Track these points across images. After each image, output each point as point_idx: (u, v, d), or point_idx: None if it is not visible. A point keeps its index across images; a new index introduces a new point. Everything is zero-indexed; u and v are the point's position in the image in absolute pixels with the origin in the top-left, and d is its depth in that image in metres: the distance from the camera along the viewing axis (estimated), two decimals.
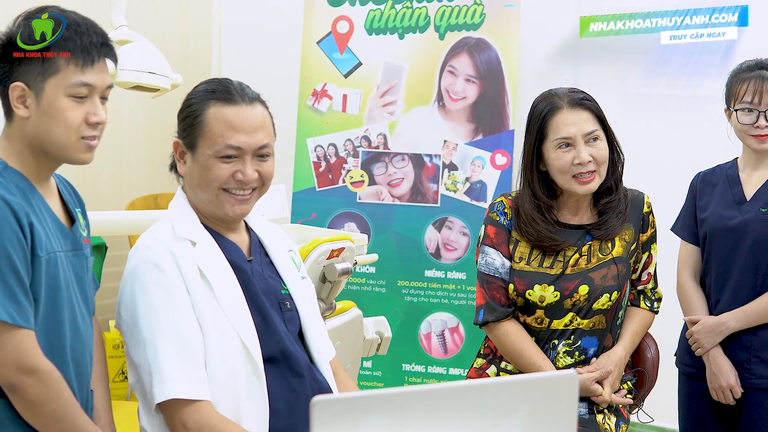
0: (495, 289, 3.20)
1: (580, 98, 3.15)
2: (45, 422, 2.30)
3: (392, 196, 4.97)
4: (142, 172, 5.30)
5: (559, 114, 3.11)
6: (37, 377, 2.25)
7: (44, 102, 2.31)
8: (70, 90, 2.31)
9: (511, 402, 1.90)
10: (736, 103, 3.37)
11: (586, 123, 3.11)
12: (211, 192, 2.56)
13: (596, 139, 3.12)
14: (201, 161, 2.55)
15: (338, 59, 5.07)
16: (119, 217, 4.08)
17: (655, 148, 5.00)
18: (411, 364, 4.98)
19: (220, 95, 2.56)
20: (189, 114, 2.57)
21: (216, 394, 2.46)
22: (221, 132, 2.53)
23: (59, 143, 2.33)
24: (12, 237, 2.22)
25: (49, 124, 2.31)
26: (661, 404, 3.62)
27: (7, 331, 2.22)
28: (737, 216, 3.41)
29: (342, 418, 1.78)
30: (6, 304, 2.21)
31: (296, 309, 2.69)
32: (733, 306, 3.41)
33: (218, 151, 2.53)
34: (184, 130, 2.57)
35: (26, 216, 2.26)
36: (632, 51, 5.07)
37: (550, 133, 3.11)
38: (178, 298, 2.47)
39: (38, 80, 2.30)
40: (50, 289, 2.32)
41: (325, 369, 2.70)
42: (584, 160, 3.08)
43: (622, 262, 3.16)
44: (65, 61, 2.30)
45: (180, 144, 2.59)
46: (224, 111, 2.54)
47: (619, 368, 3.16)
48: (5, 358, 2.22)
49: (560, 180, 3.13)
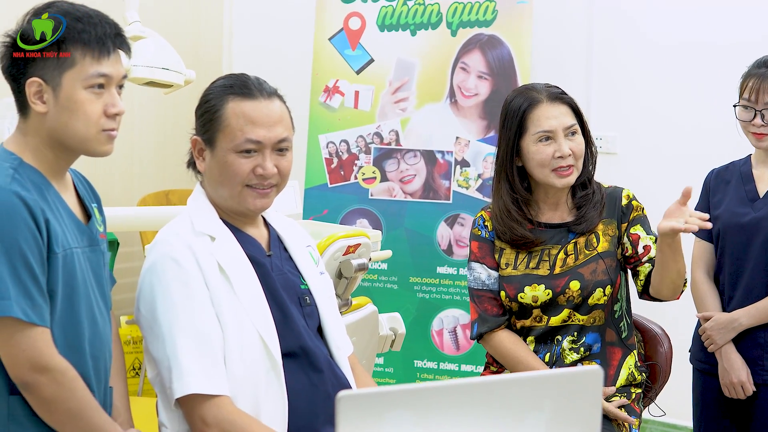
0: (486, 302, 3.23)
1: (559, 92, 3.19)
2: (60, 420, 2.30)
3: (404, 192, 4.97)
4: (154, 168, 5.30)
5: (539, 108, 3.14)
6: (51, 376, 2.24)
7: (62, 96, 2.30)
8: (87, 82, 2.31)
9: (535, 397, 1.90)
10: (739, 99, 3.39)
11: (565, 117, 3.15)
12: (234, 188, 2.56)
13: (575, 133, 3.15)
14: (220, 157, 2.55)
15: (350, 56, 5.07)
16: (131, 213, 4.08)
17: (669, 145, 5.00)
18: (423, 361, 4.98)
19: (238, 90, 2.56)
20: (207, 110, 2.57)
21: (235, 389, 2.46)
22: (240, 126, 2.53)
23: (80, 136, 2.33)
24: (27, 234, 2.22)
25: (69, 118, 2.31)
26: (674, 400, 3.62)
27: (22, 329, 2.21)
28: (750, 213, 3.41)
29: (367, 413, 1.79)
30: (21, 301, 2.20)
31: (315, 304, 2.70)
32: (746, 303, 3.42)
33: (238, 146, 2.53)
34: (203, 126, 2.57)
35: (42, 213, 2.25)
36: (648, 50, 5.07)
37: (530, 127, 3.14)
38: (197, 293, 2.47)
39: (55, 74, 2.29)
40: (67, 286, 2.32)
41: (344, 364, 2.70)
42: (565, 153, 3.11)
43: (610, 256, 3.17)
44: (81, 53, 2.30)
45: (198, 141, 2.59)
46: (243, 105, 2.54)
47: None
48: (19, 356, 2.22)
49: (539, 174, 3.15)
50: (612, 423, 3.12)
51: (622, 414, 3.11)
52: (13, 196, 2.22)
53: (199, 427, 2.45)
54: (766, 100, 3.32)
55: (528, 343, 3.20)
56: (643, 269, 3.15)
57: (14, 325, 2.21)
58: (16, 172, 2.28)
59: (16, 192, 2.23)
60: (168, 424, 2.54)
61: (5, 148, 2.35)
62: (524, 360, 3.14)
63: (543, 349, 3.18)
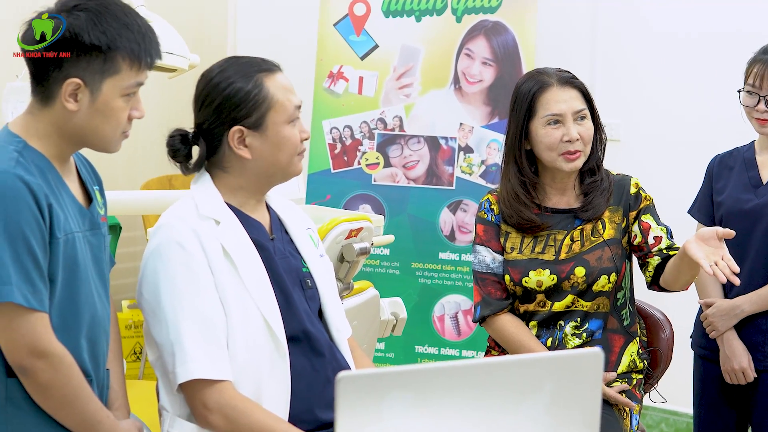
0: (489, 285, 3.23)
1: (569, 77, 3.18)
2: (55, 406, 2.30)
3: (407, 178, 4.97)
4: (157, 153, 5.26)
5: (548, 91, 3.14)
6: (48, 361, 2.24)
7: (100, 101, 2.30)
8: (126, 90, 2.32)
9: (535, 379, 1.90)
10: (744, 84, 3.39)
11: (575, 101, 3.15)
12: (290, 158, 2.61)
13: (584, 118, 3.15)
14: (275, 133, 2.57)
15: (355, 41, 5.06)
16: (134, 196, 4.09)
17: (672, 133, 4.99)
18: (424, 346, 4.99)
19: (260, 67, 2.60)
20: (247, 94, 2.55)
21: (237, 374, 2.47)
22: (287, 97, 2.58)
23: (105, 139, 2.35)
24: (30, 219, 2.21)
25: (101, 122, 2.32)
26: (675, 387, 3.63)
27: (21, 313, 2.21)
28: (753, 199, 3.41)
29: (366, 394, 1.79)
30: (22, 286, 2.20)
31: (316, 287, 2.70)
32: (748, 289, 3.43)
33: (290, 116, 2.59)
34: (247, 111, 2.55)
35: (45, 197, 2.25)
36: (652, 38, 5.06)
37: (539, 110, 3.14)
38: (201, 278, 2.47)
39: (96, 78, 2.29)
40: (68, 270, 2.31)
41: (344, 347, 2.71)
42: (573, 137, 3.11)
43: (615, 243, 3.16)
44: (129, 64, 2.30)
45: (240, 130, 2.56)
46: (276, 79, 2.59)
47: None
48: (18, 340, 2.22)
49: (547, 157, 3.15)
50: (613, 408, 3.12)
51: (622, 399, 3.11)
52: (17, 180, 2.21)
53: (201, 412, 2.45)
54: None
55: (530, 327, 3.20)
56: (653, 261, 3.15)
57: (14, 310, 2.21)
58: (20, 155, 2.27)
59: (20, 176, 2.22)
60: (169, 408, 2.55)
61: (10, 130, 2.34)
62: (526, 344, 3.14)
63: (545, 334, 3.18)
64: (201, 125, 2.60)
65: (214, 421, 2.44)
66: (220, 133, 2.57)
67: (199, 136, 2.61)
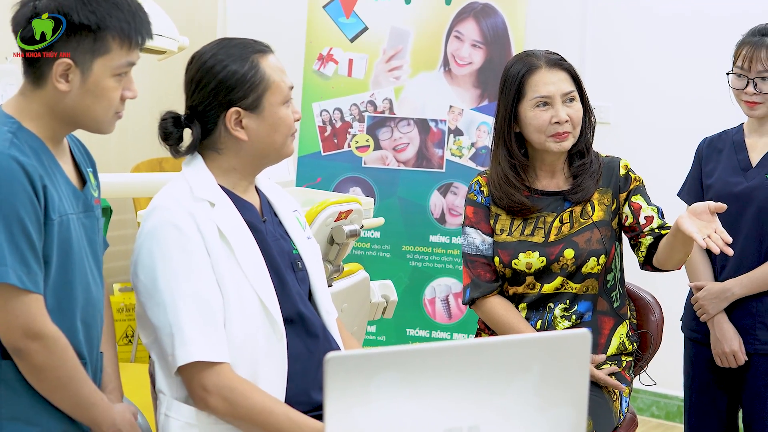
0: (479, 267, 3.24)
1: (558, 59, 3.19)
2: (49, 388, 2.30)
3: (397, 161, 4.97)
4: (148, 135, 5.25)
5: (537, 73, 3.14)
6: (43, 343, 2.24)
7: (91, 81, 2.29)
8: (116, 70, 2.30)
9: (523, 360, 1.91)
10: (733, 67, 3.39)
11: (563, 83, 3.15)
12: (285, 139, 2.62)
13: (572, 100, 3.16)
14: (270, 114, 2.57)
15: (344, 23, 5.05)
16: (125, 179, 4.08)
17: (663, 115, 4.99)
18: (415, 329, 4.99)
19: (254, 48, 2.59)
20: (243, 75, 2.54)
21: (234, 355, 2.47)
22: (281, 78, 2.59)
23: (97, 119, 2.34)
24: (25, 200, 2.20)
25: (93, 102, 2.30)
26: (664, 370, 3.64)
27: (16, 295, 2.21)
28: (742, 182, 3.41)
29: (355, 375, 1.79)
30: (17, 267, 2.19)
31: (306, 269, 2.70)
32: (738, 272, 3.43)
33: (285, 97, 2.60)
34: (244, 93, 2.55)
35: (40, 178, 2.24)
36: (643, 20, 5.06)
37: (528, 92, 3.14)
38: (197, 259, 2.47)
39: (86, 58, 2.28)
40: (62, 252, 2.31)
41: (333, 329, 2.72)
42: (562, 119, 3.11)
43: (604, 225, 3.17)
44: (119, 43, 2.29)
45: (237, 111, 2.55)
46: (269, 60, 2.59)
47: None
48: (12, 322, 2.21)
49: (536, 139, 3.16)
50: (602, 390, 3.13)
51: (612, 381, 3.12)
52: (11, 161, 2.20)
53: (199, 394, 2.45)
54: (759, 68, 3.32)
55: (520, 310, 3.20)
56: (645, 241, 3.15)
57: (9, 291, 2.20)
58: (14, 136, 2.26)
59: (14, 157, 2.21)
60: (167, 391, 2.54)
61: (4, 111, 2.33)
62: (515, 326, 3.14)
63: (534, 317, 3.19)
64: (195, 108, 2.59)
65: (213, 404, 2.44)
66: (215, 115, 2.56)
67: (193, 118, 2.60)
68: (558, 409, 1.94)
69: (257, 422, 2.44)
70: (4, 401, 2.27)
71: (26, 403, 2.29)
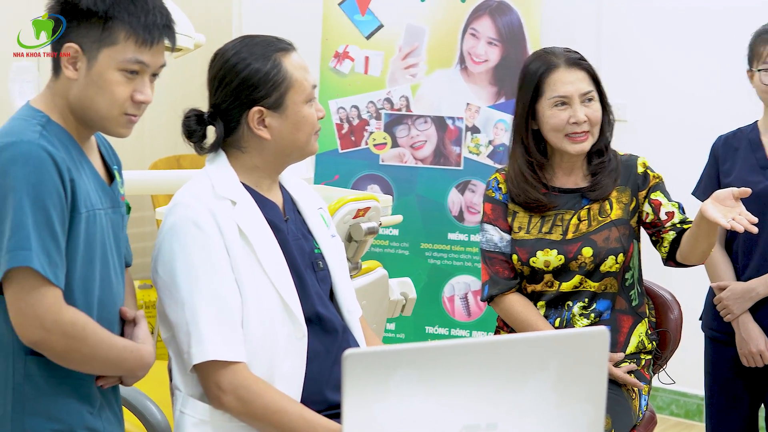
0: (497, 264, 3.23)
1: (577, 58, 3.17)
2: (78, 366, 2.30)
3: (415, 158, 4.97)
4: (165, 133, 5.29)
5: (556, 72, 3.13)
6: (60, 331, 2.22)
7: (95, 70, 2.28)
8: (122, 65, 2.28)
9: (541, 357, 1.91)
10: (759, 63, 3.37)
11: (582, 83, 3.14)
12: (308, 137, 2.63)
13: (591, 100, 3.15)
14: (294, 113, 2.58)
15: (360, 21, 5.05)
16: (144, 176, 4.09)
17: (679, 112, 4.98)
18: (434, 327, 5.00)
19: (277, 46, 2.59)
20: (266, 74, 2.55)
21: (251, 354, 2.47)
22: (304, 77, 2.59)
23: (100, 114, 2.31)
24: (53, 191, 2.20)
25: (95, 93, 2.29)
26: (684, 368, 3.63)
27: (36, 285, 2.19)
28: (763, 181, 3.40)
29: (373, 372, 1.80)
30: (40, 255, 2.18)
31: (328, 268, 2.71)
32: (761, 271, 3.41)
33: (308, 96, 2.60)
34: (267, 92, 2.55)
35: (68, 171, 2.24)
36: (658, 17, 5.05)
37: (546, 91, 3.13)
38: (217, 258, 2.47)
39: (93, 47, 2.27)
40: (88, 247, 2.30)
41: (356, 327, 2.72)
42: (580, 119, 3.10)
43: (623, 224, 3.16)
44: (125, 35, 2.27)
45: (260, 111, 2.55)
46: (292, 59, 2.59)
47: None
48: (28, 313, 2.20)
49: (553, 139, 3.15)
50: (621, 388, 3.12)
51: (631, 379, 3.12)
52: (41, 150, 2.20)
53: (215, 393, 2.46)
54: None
55: (538, 307, 3.20)
56: (668, 236, 3.14)
57: (30, 278, 2.18)
58: (43, 129, 2.26)
59: (44, 147, 2.20)
60: (182, 388, 2.55)
61: (32, 106, 2.33)
62: (534, 324, 3.14)
63: (553, 314, 3.19)
64: (218, 106, 2.60)
65: (227, 402, 2.45)
66: (238, 113, 2.57)
67: (216, 116, 2.61)
68: (576, 406, 1.94)
69: (271, 422, 2.44)
70: (28, 397, 2.27)
71: (50, 399, 2.29)
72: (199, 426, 2.52)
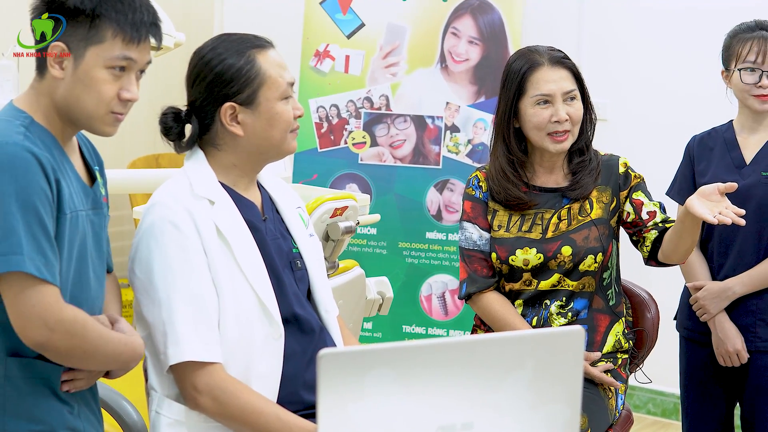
0: (476, 262, 3.23)
1: (561, 57, 3.18)
2: (79, 364, 2.30)
3: (394, 157, 4.97)
4: (144, 132, 5.28)
5: (539, 71, 3.14)
6: (63, 329, 2.20)
7: (81, 69, 2.26)
8: (109, 62, 2.27)
9: (517, 357, 1.91)
10: (738, 63, 3.37)
11: (565, 81, 3.14)
12: (282, 135, 2.60)
13: (573, 99, 3.15)
14: (267, 109, 2.56)
15: (341, 20, 5.05)
16: (122, 175, 4.08)
17: (659, 112, 4.99)
18: (411, 326, 5.00)
19: (253, 43, 2.59)
20: (238, 70, 2.54)
21: (227, 355, 2.47)
22: (279, 74, 2.57)
23: (87, 113, 2.30)
24: (40, 191, 2.18)
25: (82, 92, 2.28)
26: (660, 367, 3.64)
27: (33, 284, 2.17)
28: (738, 180, 3.39)
29: (348, 372, 1.79)
30: (34, 257, 2.16)
31: (306, 268, 2.70)
32: (737, 270, 3.42)
33: (283, 92, 2.57)
34: (239, 88, 2.54)
35: (53, 171, 2.22)
36: (639, 17, 5.06)
37: (529, 89, 3.14)
38: (194, 258, 2.46)
39: (80, 45, 2.26)
40: (71, 248, 2.29)
41: (333, 327, 2.71)
42: (562, 118, 3.11)
43: (603, 223, 3.17)
44: (113, 33, 2.26)
45: (233, 107, 2.55)
46: (268, 55, 2.58)
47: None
48: (30, 314, 2.18)
49: (535, 137, 3.15)
50: (598, 388, 3.13)
51: (607, 378, 3.12)
52: (26, 152, 2.18)
53: (190, 394, 2.45)
54: None
55: (516, 306, 3.20)
56: (649, 236, 3.15)
57: (26, 280, 2.17)
58: (27, 130, 2.24)
59: (29, 148, 2.19)
60: (158, 388, 2.54)
61: (15, 106, 2.31)
62: (511, 322, 3.14)
63: (531, 313, 3.19)
64: (193, 103, 2.60)
65: (203, 403, 2.44)
66: (212, 110, 2.56)
67: (192, 114, 2.60)
68: (552, 405, 1.94)
69: (247, 423, 2.44)
70: (9, 399, 2.26)
71: (31, 401, 2.28)
72: (174, 426, 2.51)
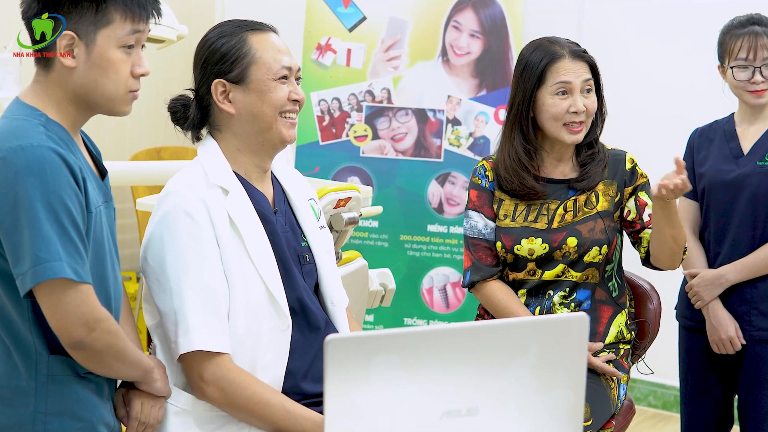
0: (480, 250, 3.25)
1: (581, 51, 3.20)
2: (110, 365, 2.30)
3: (395, 150, 4.97)
4: (146, 124, 5.29)
5: (560, 61, 3.16)
6: (102, 327, 2.22)
7: (96, 53, 2.26)
8: (122, 41, 2.27)
9: (521, 343, 1.92)
10: (731, 60, 3.40)
11: (585, 73, 3.17)
12: (270, 118, 2.58)
13: (590, 91, 3.18)
14: (259, 88, 2.56)
15: (342, 13, 5.06)
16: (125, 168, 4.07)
17: (659, 106, 5.00)
18: (413, 318, 5.01)
19: (250, 26, 2.60)
20: (229, 49, 2.56)
21: (235, 345, 2.48)
22: (273, 55, 2.57)
23: (108, 95, 2.30)
24: (71, 192, 2.18)
25: (99, 76, 2.27)
26: (662, 360, 3.64)
27: (71, 287, 2.17)
28: (735, 170, 3.43)
29: (354, 357, 1.81)
30: (71, 261, 2.16)
31: (314, 261, 2.71)
32: (732, 259, 3.45)
33: (276, 73, 2.56)
34: (230, 66, 2.55)
35: (80, 171, 2.22)
36: (639, 10, 5.06)
37: (549, 79, 3.15)
38: (207, 248, 2.47)
39: (90, 30, 2.25)
40: (97, 245, 2.30)
41: (340, 319, 2.72)
42: (580, 109, 3.13)
43: (608, 216, 3.19)
44: (122, 15, 2.26)
45: (223, 83, 2.56)
46: (264, 37, 2.59)
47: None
48: (72, 315, 2.18)
49: (550, 127, 3.17)
50: (600, 378, 3.14)
51: (609, 368, 3.13)
52: (53, 153, 2.18)
53: (197, 383, 2.46)
54: (765, 55, 3.34)
55: (519, 295, 3.21)
56: (645, 235, 3.17)
57: (65, 285, 2.17)
58: (46, 129, 2.23)
59: (54, 149, 2.18)
60: (168, 376, 2.54)
61: (26, 103, 2.30)
62: (514, 311, 3.15)
63: (534, 303, 3.20)
64: (196, 89, 2.63)
65: (210, 393, 2.45)
66: (207, 90, 2.59)
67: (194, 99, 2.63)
68: (556, 391, 1.95)
69: (253, 413, 2.45)
70: (52, 397, 2.26)
71: (72, 398, 2.29)
72: (180, 415, 2.51)
